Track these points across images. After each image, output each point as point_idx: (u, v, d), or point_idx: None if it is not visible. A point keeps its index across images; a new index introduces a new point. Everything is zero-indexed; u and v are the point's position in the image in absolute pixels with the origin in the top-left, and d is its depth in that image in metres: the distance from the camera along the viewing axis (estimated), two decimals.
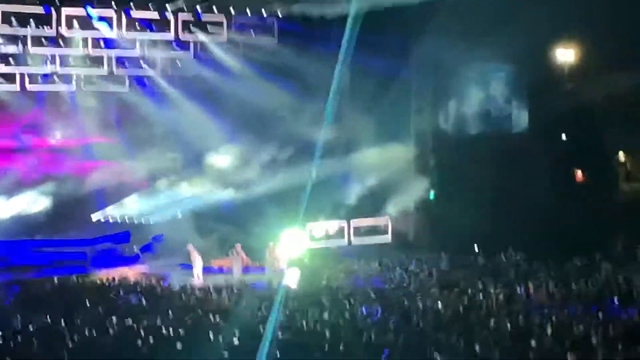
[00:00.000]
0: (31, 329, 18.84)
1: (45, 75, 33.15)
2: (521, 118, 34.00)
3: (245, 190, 32.93)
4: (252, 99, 33.29)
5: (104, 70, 33.54)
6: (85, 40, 32.91)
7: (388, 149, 33.09)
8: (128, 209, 34.60)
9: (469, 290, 23.17)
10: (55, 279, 29.12)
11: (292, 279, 27.58)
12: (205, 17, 34.20)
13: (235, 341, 14.35)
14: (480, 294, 22.45)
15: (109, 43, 33.29)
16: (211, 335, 15.72)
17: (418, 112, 34.95)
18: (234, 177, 33.71)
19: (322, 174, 25.72)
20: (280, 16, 34.14)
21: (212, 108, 33.63)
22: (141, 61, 34.02)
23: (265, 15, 34.26)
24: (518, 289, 22.81)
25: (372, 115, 31.27)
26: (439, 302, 21.20)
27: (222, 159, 34.10)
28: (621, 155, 33.30)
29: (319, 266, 30.58)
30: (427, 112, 34.93)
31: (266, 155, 33.55)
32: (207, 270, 31.77)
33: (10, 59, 32.28)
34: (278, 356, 10.25)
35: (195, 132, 33.48)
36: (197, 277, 30.14)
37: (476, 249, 30.74)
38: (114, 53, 33.57)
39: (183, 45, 34.26)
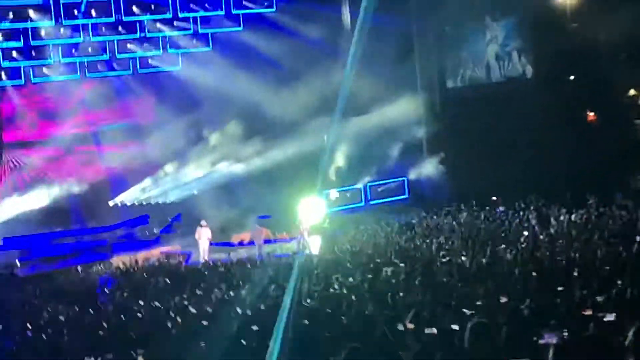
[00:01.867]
0: (59, 320, 18.90)
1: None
2: (526, 62, 33.72)
3: (257, 162, 32.90)
4: (253, 72, 33.22)
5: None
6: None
7: (395, 107, 32.90)
8: (143, 192, 34.68)
9: (491, 242, 23.03)
10: (79, 267, 29.33)
11: (314, 246, 27.63)
12: None
13: (261, 312, 14.33)
14: (504, 245, 22.32)
15: None
16: (238, 309, 15.70)
17: (423, 67, 34.69)
18: (244, 151, 33.66)
19: (334, 138, 25.59)
20: None
21: (216, 81, 33.39)
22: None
23: None
24: (541, 235, 22.69)
25: (376, 74, 30.87)
26: (463, 256, 21.07)
27: (230, 133, 33.99)
28: (632, 92, 32.97)
29: (340, 230, 30.61)
30: (432, 65, 34.69)
31: (272, 126, 33.38)
32: (227, 245, 31.90)
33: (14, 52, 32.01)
34: (302, 323, 10.18)
35: (201, 111, 33.39)
36: (203, 255, 30.17)
37: (494, 199, 30.63)
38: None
39: None
